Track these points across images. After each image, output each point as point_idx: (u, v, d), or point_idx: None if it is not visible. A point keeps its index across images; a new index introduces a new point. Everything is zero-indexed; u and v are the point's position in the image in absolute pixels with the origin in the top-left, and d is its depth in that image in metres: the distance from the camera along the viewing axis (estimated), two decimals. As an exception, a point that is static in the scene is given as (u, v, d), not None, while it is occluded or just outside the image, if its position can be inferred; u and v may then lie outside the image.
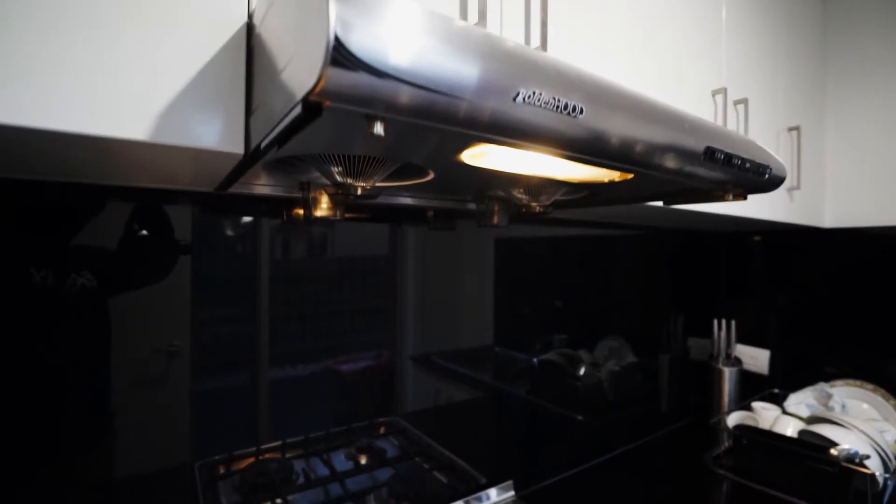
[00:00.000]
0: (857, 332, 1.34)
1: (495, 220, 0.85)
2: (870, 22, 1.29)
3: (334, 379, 0.86)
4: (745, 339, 1.54)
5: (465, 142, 0.39)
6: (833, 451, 0.94)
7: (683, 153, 0.43)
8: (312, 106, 0.26)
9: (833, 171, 1.33)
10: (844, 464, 0.91)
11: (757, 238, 1.58)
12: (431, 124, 0.29)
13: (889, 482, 0.92)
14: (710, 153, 0.44)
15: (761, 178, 0.52)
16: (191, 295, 0.70)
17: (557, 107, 0.31)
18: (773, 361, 1.49)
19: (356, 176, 0.53)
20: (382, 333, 0.92)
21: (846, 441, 0.96)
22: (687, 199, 0.64)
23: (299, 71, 0.26)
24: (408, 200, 0.81)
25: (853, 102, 1.30)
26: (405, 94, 0.26)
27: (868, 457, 0.92)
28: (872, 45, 1.27)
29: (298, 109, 0.27)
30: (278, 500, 0.80)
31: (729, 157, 0.46)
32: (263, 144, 0.34)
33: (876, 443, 0.95)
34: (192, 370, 0.71)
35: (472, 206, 0.89)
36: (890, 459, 0.95)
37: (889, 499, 0.94)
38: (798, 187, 1.15)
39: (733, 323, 1.41)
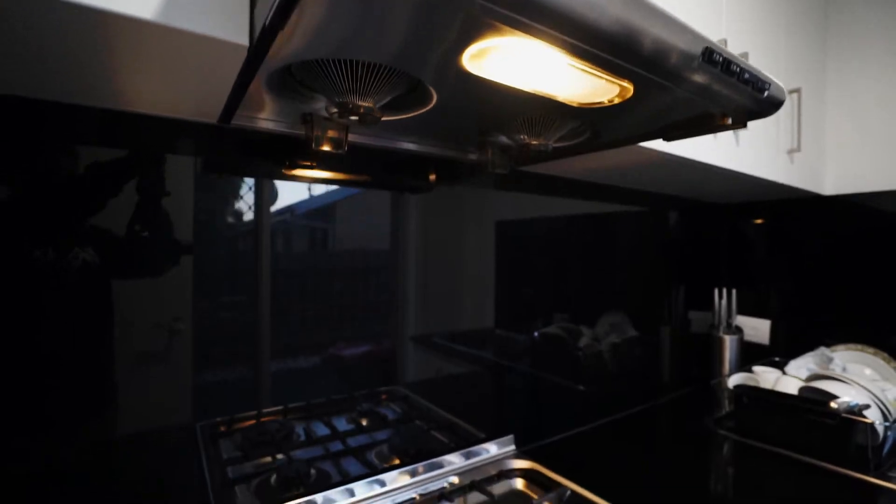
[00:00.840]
0: (860, 304, 1.34)
1: (496, 166, 0.86)
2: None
3: (336, 363, 0.87)
4: (746, 313, 1.54)
5: (473, 31, 0.39)
6: (833, 404, 0.94)
7: (681, 52, 0.43)
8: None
9: (834, 135, 1.34)
10: (845, 415, 0.92)
11: (759, 221, 1.59)
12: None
13: (889, 433, 0.92)
14: (708, 54, 0.44)
15: (760, 94, 0.52)
16: (193, 273, 0.71)
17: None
18: (773, 332, 1.49)
19: (359, 93, 0.54)
20: (384, 317, 0.92)
21: (846, 395, 0.96)
22: (687, 130, 0.65)
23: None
24: (411, 146, 0.82)
25: (854, 66, 1.30)
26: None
27: (868, 406, 0.92)
28: (873, 9, 1.27)
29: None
30: (279, 455, 0.80)
31: (728, 63, 0.46)
32: (268, 20, 0.35)
33: (875, 396, 0.96)
34: (194, 346, 0.71)
35: (473, 156, 0.90)
36: (889, 412, 0.95)
37: (889, 449, 0.94)
38: (798, 149, 1.16)
39: (734, 292, 1.42)
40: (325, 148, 0.67)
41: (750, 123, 1.00)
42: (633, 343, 1.39)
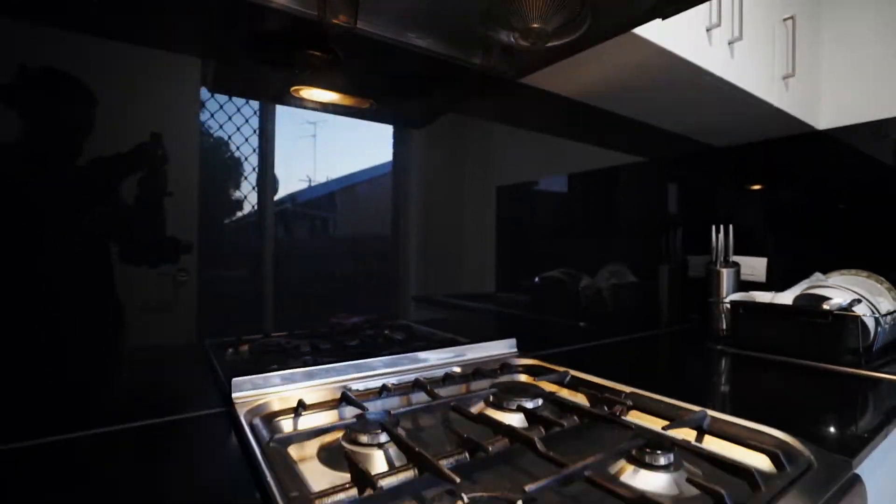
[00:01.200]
0: (856, 241, 1.37)
1: (499, 69, 0.90)
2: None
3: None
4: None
5: None
6: (825, 306, 0.97)
7: None
8: None
9: (828, 66, 1.37)
10: (837, 312, 0.95)
11: (756, 186, 1.62)
12: None
13: (879, 328, 0.95)
14: None
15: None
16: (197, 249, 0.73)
17: None
18: (770, 271, 1.52)
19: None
20: (387, 285, 0.95)
21: (838, 299, 0.99)
22: (680, 3, 0.68)
23: None
24: (417, 41, 0.85)
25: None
26: None
27: (859, 302, 0.95)
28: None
29: None
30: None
31: None
32: None
33: (865, 298, 0.99)
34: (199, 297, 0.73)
35: (476, 60, 0.93)
36: (878, 311, 0.98)
37: (880, 345, 0.97)
38: (793, 74, 1.19)
39: (731, 227, 1.44)
40: (336, 21, 0.70)
41: (745, 37, 1.04)
42: (632, 287, 1.43)
